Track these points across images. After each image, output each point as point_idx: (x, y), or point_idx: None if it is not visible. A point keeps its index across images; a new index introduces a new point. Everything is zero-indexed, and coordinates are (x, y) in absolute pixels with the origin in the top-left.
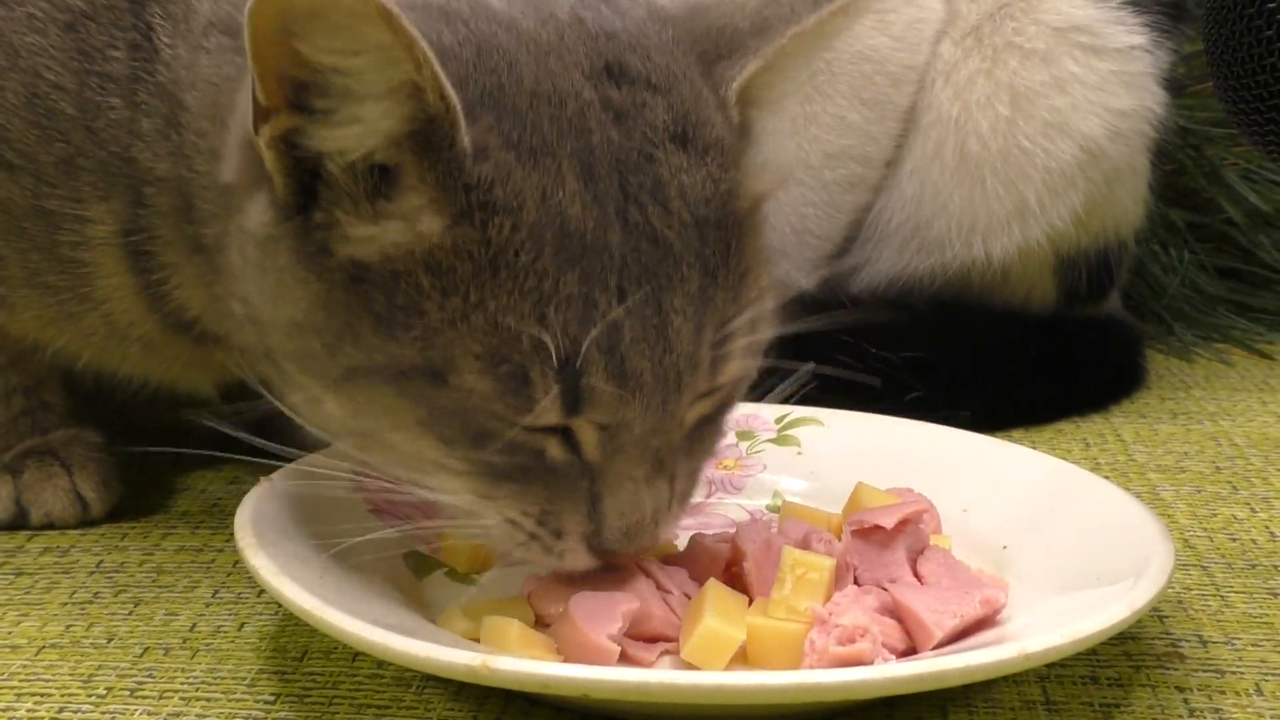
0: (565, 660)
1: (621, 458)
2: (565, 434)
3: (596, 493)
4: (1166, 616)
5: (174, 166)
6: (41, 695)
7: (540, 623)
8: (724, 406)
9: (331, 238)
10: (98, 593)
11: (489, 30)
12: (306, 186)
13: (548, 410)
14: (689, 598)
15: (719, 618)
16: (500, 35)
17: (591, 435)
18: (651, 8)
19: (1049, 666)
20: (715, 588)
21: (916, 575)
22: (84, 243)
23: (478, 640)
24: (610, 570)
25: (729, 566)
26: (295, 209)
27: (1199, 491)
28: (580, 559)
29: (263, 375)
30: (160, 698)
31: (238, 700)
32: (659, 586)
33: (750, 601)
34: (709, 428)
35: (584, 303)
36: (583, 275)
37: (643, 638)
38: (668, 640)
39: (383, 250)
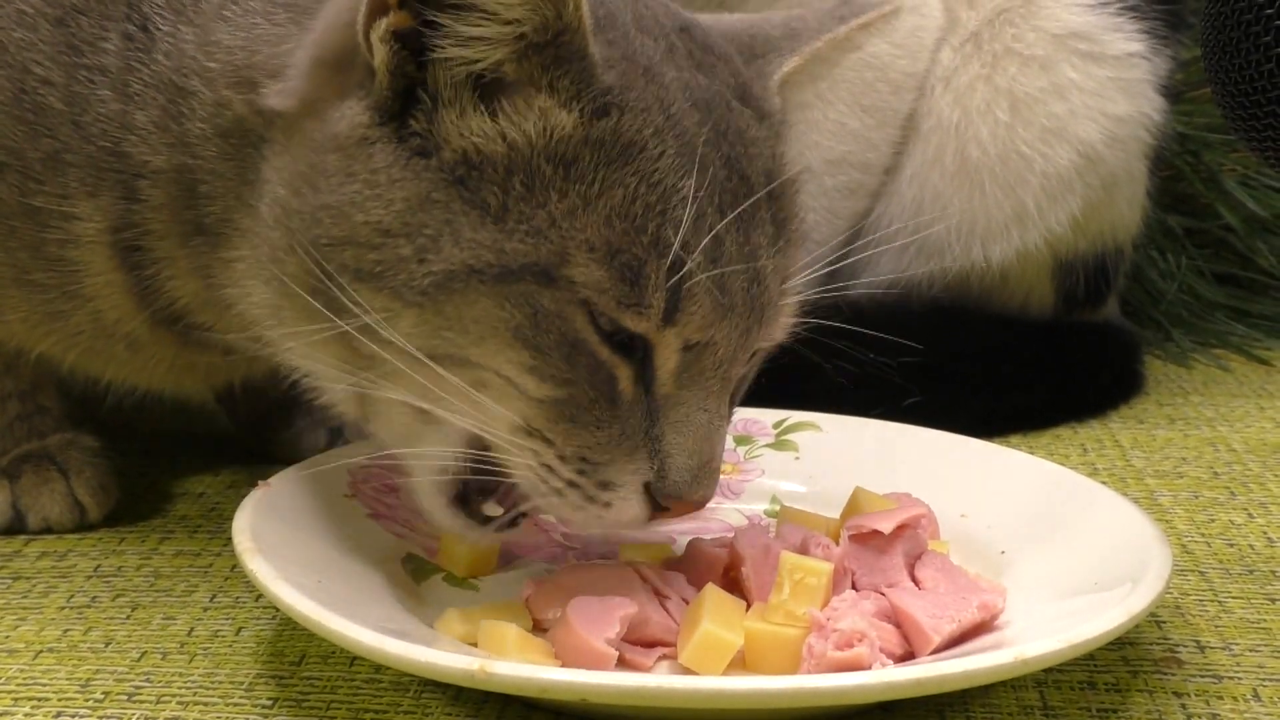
0: (563, 665)
1: (699, 386)
2: (642, 364)
3: (659, 433)
4: (1164, 622)
5: (173, 157)
6: (39, 699)
7: (538, 627)
8: (751, 372)
9: (435, 139)
10: (95, 597)
11: None
12: (404, 92)
13: (652, 310)
14: (687, 603)
15: (717, 623)
16: None
17: (673, 358)
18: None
19: (1046, 672)
20: (713, 593)
21: (914, 580)
22: (72, 240)
23: (475, 644)
24: (608, 572)
25: (727, 571)
26: (393, 112)
27: (1197, 497)
28: (632, 508)
29: (269, 339)
30: (157, 702)
31: (235, 705)
32: (656, 592)
33: (748, 606)
34: (740, 389)
35: (697, 210)
36: (697, 186)
37: (640, 642)
38: (665, 645)
39: (506, 142)
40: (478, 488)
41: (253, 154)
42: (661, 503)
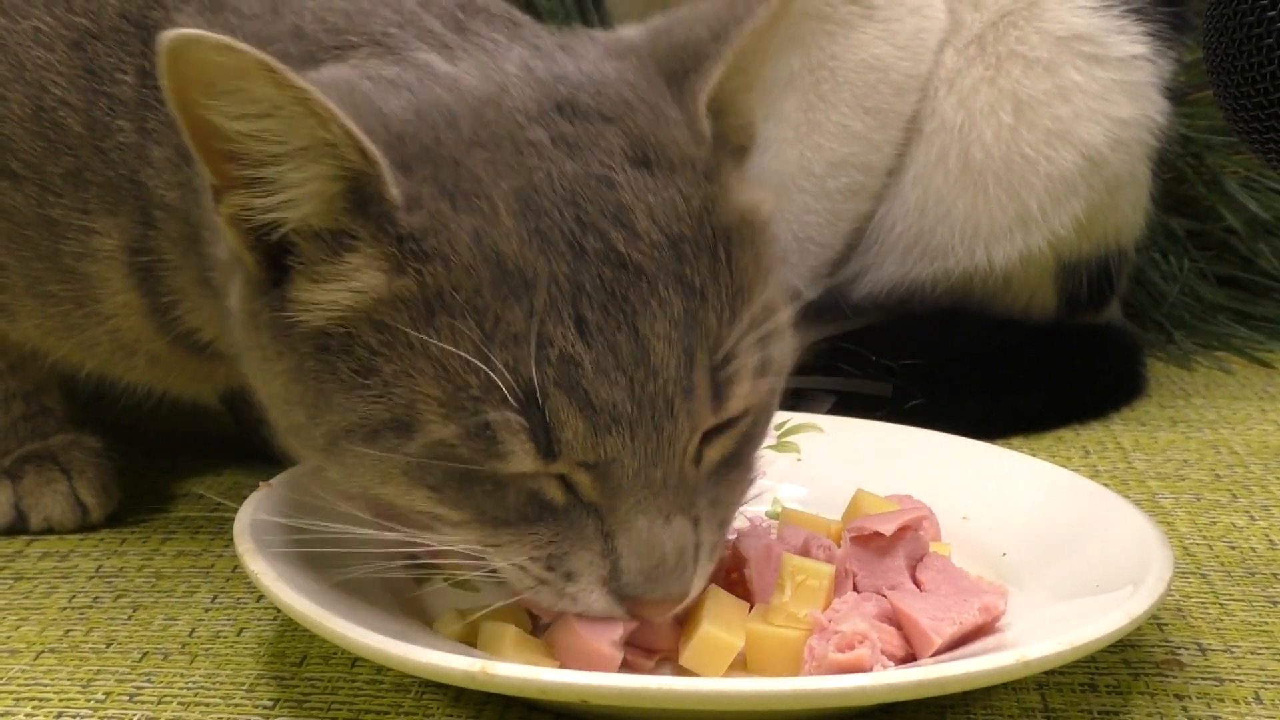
0: (562, 666)
1: (625, 497)
2: (559, 477)
3: (609, 530)
4: (1165, 624)
5: (183, 199)
6: (40, 700)
7: (539, 625)
8: (748, 441)
9: (297, 309)
10: (97, 597)
11: (432, 91)
12: (276, 261)
13: (522, 456)
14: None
15: (717, 624)
16: (441, 94)
17: (583, 476)
18: (610, 45)
19: (1048, 674)
20: (714, 594)
21: (916, 582)
22: (89, 255)
23: (475, 645)
24: None
25: (729, 573)
26: (268, 284)
27: (1198, 499)
28: (597, 603)
29: None
30: (159, 703)
31: (236, 705)
32: None
33: (750, 608)
34: (735, 469)
35: (535, 338)
36: (528, 310)
37: (640, 645)
38: (665, 648)
39: (335, 313)
40: None
41: None
42: (623, 602)
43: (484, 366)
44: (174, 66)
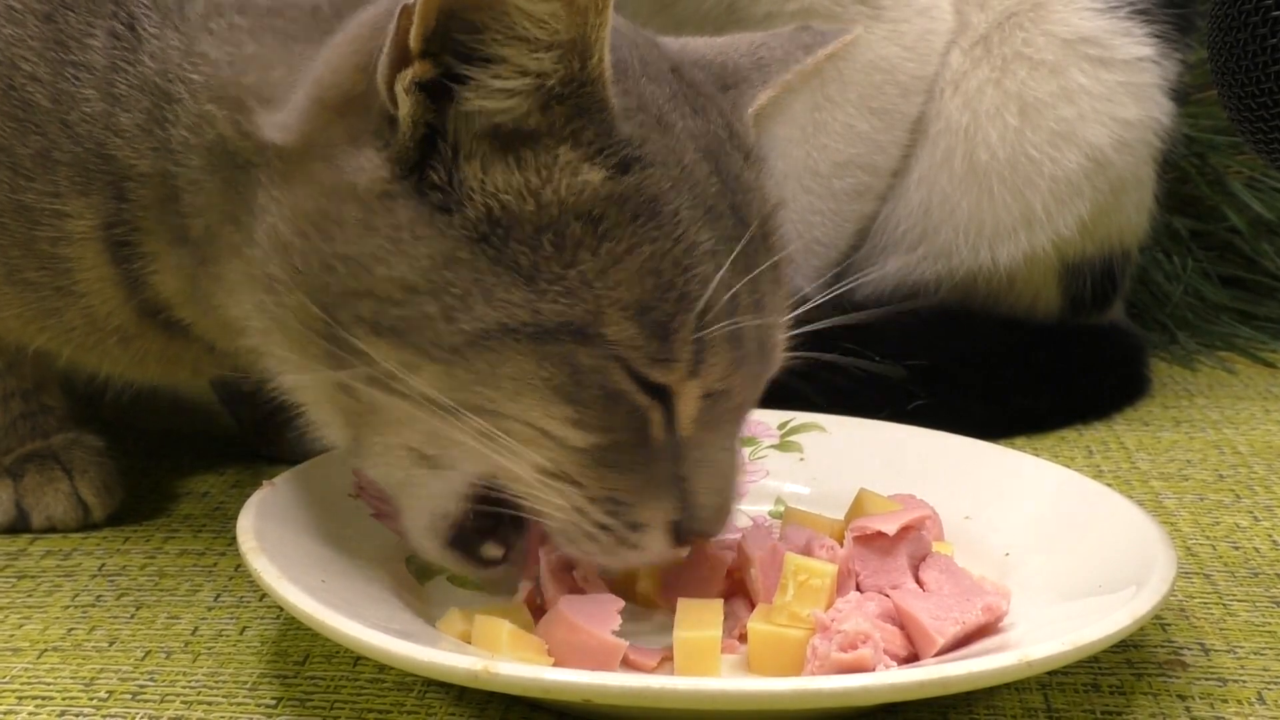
0: (558, 661)
1: (715, 430)
2: (667, 409)
3: (684, 474)
4: (1169, 624)
5: (157, 162)
6: (43, 698)
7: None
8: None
9: (459, 193)
10: (100, 596)
11: None
12: (423, 142)
13: (679, 363)
14: None
15: (688, 627)
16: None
17: (693, 405)
18: (657, 43)
19: (1051, 674)
20: (681, 605)
21: (919, 582)
22: (64, 238)
23: None
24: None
25: (732, 572)
26: (414, 165)
27: (1202, 499)
28: (659, 545)
29: (274, 355)
30: (162, 701)
31: (239, 704)
32: None
33: (753, 607)
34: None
35: (716, 261)
36: (714, 237)
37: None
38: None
39: (535, 200)
40: (475, 529)
41: (242, 177)
42: (685, 538)
43: (688, 275)
44: None
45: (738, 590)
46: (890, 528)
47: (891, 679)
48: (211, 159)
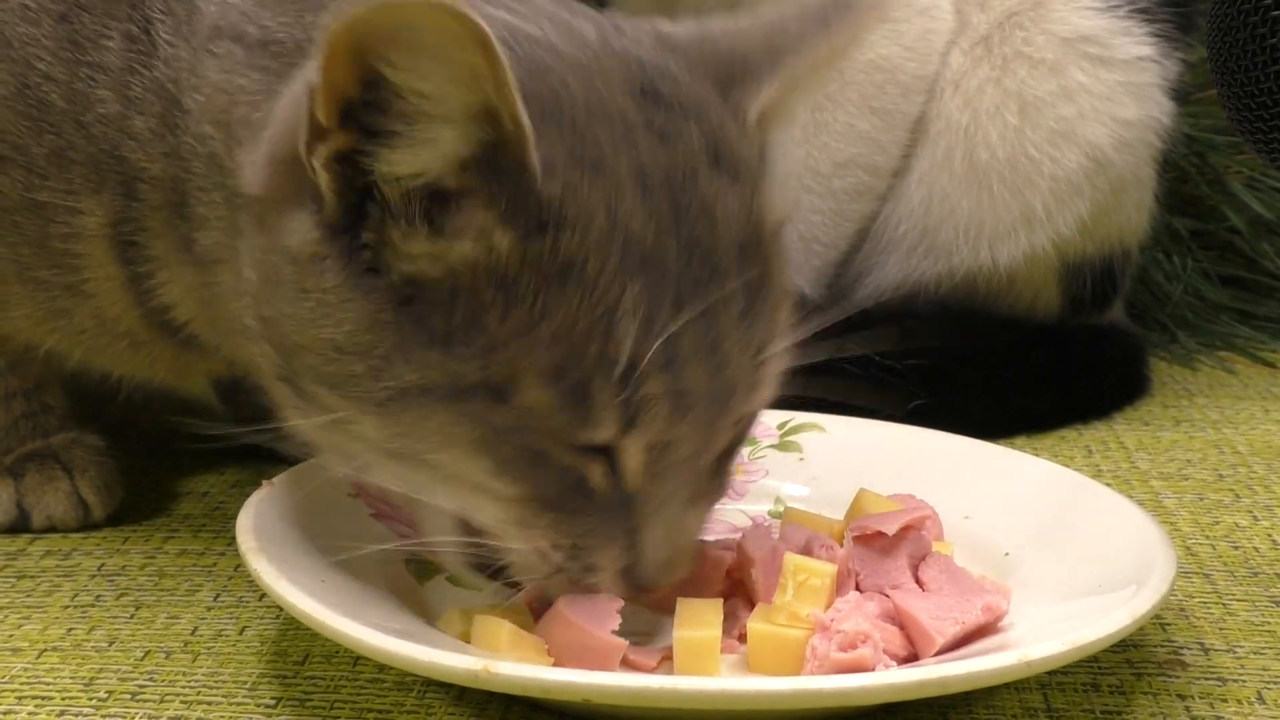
0: (558, 661)
1: (665, 482)
2: (608, 460)
3: (634, 525)
4: (1168, 624)
5: (168, 167)
6: (43, 698)
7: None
8: (741, 438)
9: (384, 256)
10: (99, 596)
11: (534, 53)
12: (354, 206)
13: (606, 425)
14: None
15: (687, 627)
16: (547, 57)
17: (638, 458)
18: (660, 37)
19: (1051, 674)
20: (680, 605)
21: (918, 582)
22: (76, 235)
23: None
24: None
25: (731, 572)
26: (343, 228)
27: (1201, 499)
28: (615, 590)
29: (271, 394)
30: (161, 701)
31: (239, 704)
32: None
33: (752, 607)
34: (727, 459)
35: (646, 316)
36: (645, 288)
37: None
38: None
39: (446, 267)
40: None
41: (239, 207)
42: (635, 588)
43: (606, 338)
44: (374, 16)
45: (738, 590)
46: (890, 528)
47: (891, 679)
48: (214, 175)
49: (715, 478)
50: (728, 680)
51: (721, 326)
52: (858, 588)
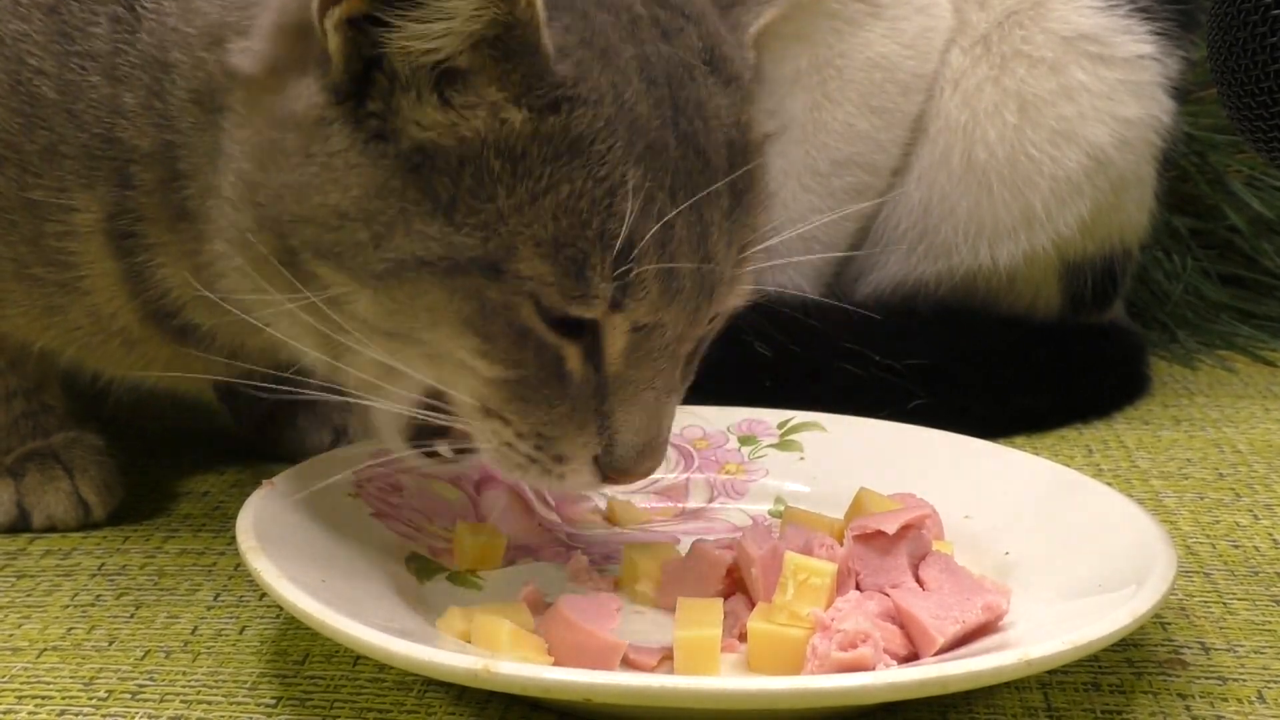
0: (558, 660)
1: (647, 366)
2: (591, 344)
3: (609, 409)
4: (1169, 623)
5: (159, 135)
6: (43, 698)
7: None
8: (711, 336)
9: (392, 124)
10: (99, 595)
11: None
12: (361, 74)
13: (598, 300)
14: None
15: (687, 627)
16: None
17: (621, 339)
18: None
19: (1051, 673)
20: (680, 605)
21: (919, 581)
22: (70, 232)
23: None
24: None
25: (731, 572)
26: (350, 95)
27: (1202, 498)
28: (584, 480)
29: (265, 285)
30: (161, 700)
31: (239, 704)
32: None
33: (753, 606)
34: (696, 355)
35: (645, 197)
36: (647, 172)
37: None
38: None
39: (457, 136)
40: (430, 430)
41: (220, 122)
42: (607, 475)
43: (608, 213)
44: None
45: (738, 590)
46: (890, 527)
47: (891, 678)
48: (200, 113)
49: (685, 370)
50: (728, 680)
51: (709, 219)
52: (858, 587)
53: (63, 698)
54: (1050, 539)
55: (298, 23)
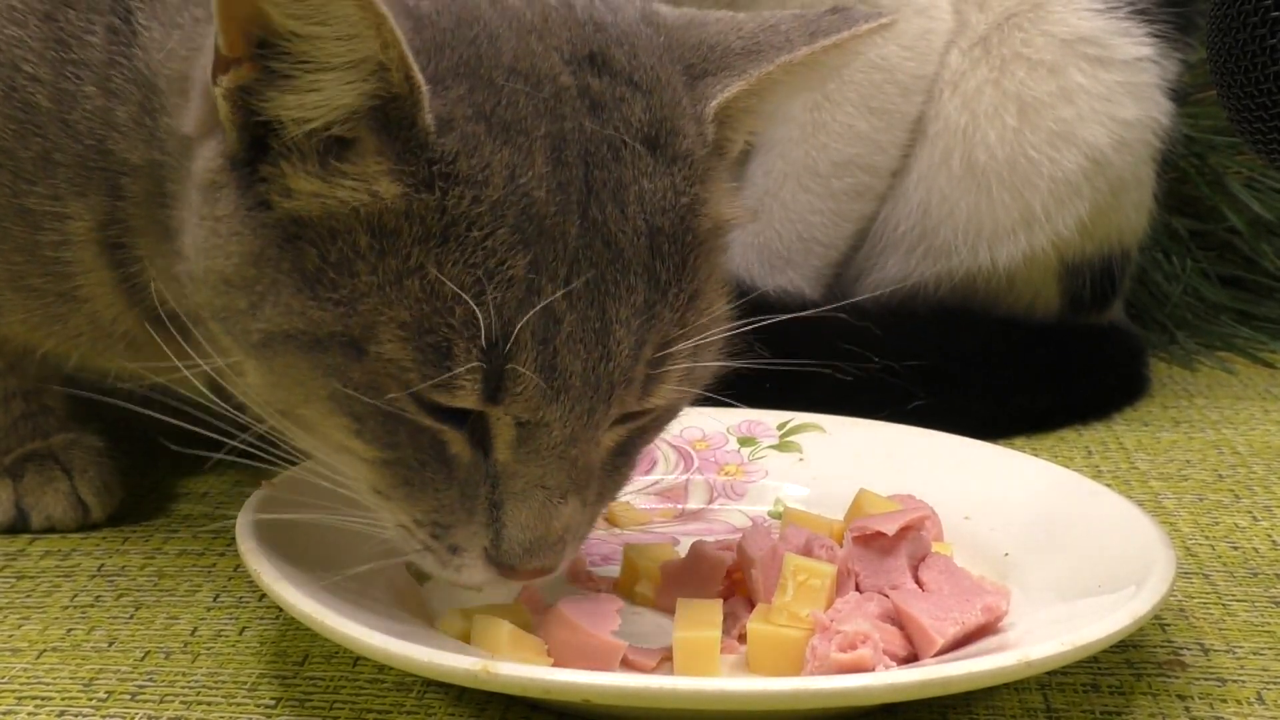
0: (558, 661)
1: (535, 463)
2: (475, 432)
3: (498, 500)
4: (1168, 625)
5: (148, 153)
6: (42, 699)
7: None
8: (645, 434)
9: (273, 191)
10: (99, 596)
11: (476, 3)
12: (258, 141)
13: (467, 390)
14: None
15: (687, 628)
16: (484, 8)
17: (508, 431)
18: (646, 13)
19: (1050, 674)
20: (680, 605)
21: (918, 582)
22: (65, 241)
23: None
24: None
25: (731, 573)
26: (243, 160)
27: (1201, 500)
28: (476, 574)
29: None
30: (161, 701)
31: (238, 704)
32: None
33: (753, 606)
34: (627, 456)
35: (527, 287)
36: (533, 260)
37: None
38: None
39: (327, 206)
40: None
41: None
42: (499, 571)
43: (476, 301)
44: None
45: (737, 590)
46: (890, 528)
47: (891, 679)
48: (180, 143)
49: (611, 474)
50: (728, 680)
51: (612, 314)
52: (858, 588)
53: (62, 699)
54: (1050, 540)
55: (208, 88)
